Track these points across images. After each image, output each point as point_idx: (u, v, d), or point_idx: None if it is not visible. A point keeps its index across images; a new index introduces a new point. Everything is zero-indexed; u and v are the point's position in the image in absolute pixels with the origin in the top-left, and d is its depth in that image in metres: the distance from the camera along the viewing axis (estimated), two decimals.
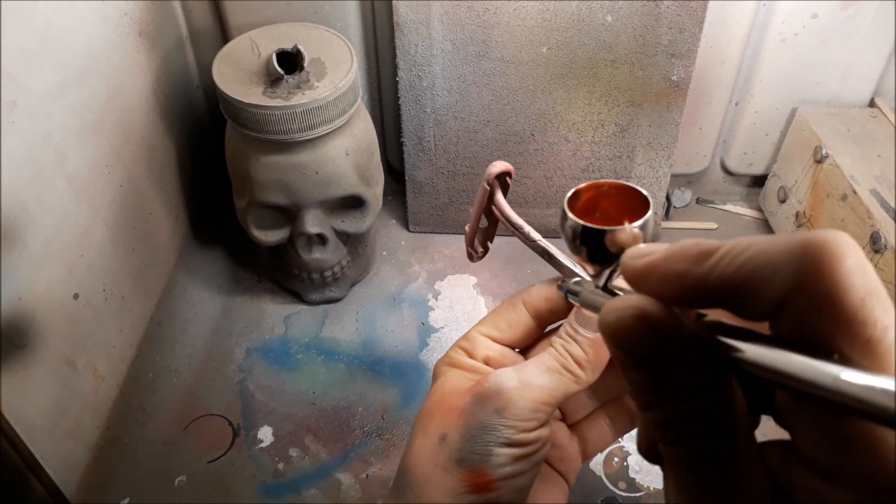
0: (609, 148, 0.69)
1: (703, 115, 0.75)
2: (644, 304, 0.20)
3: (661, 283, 0.20)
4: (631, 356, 0.20)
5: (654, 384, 0.20)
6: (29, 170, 0.48)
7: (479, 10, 0.62)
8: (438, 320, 0.67)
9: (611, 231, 0.26)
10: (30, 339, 0.48)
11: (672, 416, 0.20)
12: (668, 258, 0.20)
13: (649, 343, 0.20)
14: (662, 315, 0.20)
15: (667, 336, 0.20)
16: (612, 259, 0.26)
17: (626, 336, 0.20)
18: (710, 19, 0.63)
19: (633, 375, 0.21)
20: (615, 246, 0.26)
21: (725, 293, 0.19)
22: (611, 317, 0.20)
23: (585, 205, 0.28)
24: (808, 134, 0.70)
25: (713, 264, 0.19)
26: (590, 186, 0.28)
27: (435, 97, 0.67)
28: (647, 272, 0.21)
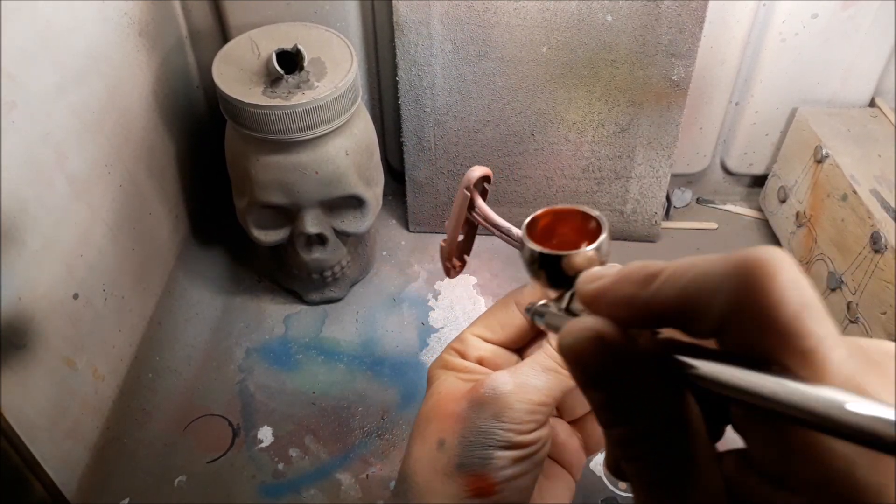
0: (609, 148, 0.69)
1: (704, 115, 0.75)
2: (598, 325, 0.21)
3: (611, 307, 0.21)
4: (588, 376, 0.21)
5: (611, 402, 0.21)
6: (29, 170, 0.48)
7: (479, 10, 0.62)
8: (438, 320, 0.67)
9: (566, 256, 0.27)
10: (30, 339, 0.48)
11: (631, 434, 0.21)
12: (616, 283, 0.22)
13: (605, 363, 0.21)
14: (616, 336, 0.20)
15: (621, 356, 0.20)
16: (570, 282, 0.27)
17: (582, 356, 0.21)
18: (710, 19, 0.63)
19: (591, 394, 0.21)
20: (572, 270, 0.27)
21: (671, 314, 0.20)
22: (568, 339, 0.21)
23: (543, 231, 0.30)
24: (809, 134, 0.70)
25: (657, 287, 0.20)
26: (547, 212, 0.30)
27: (435, 97, 0.67)
28: (598, 296, 0.22)
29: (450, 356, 0.36)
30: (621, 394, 0.21)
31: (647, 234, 0.74)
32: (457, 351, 0.36)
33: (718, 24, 0.67)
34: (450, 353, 0.36)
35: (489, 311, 0.37)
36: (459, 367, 0.35)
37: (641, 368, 0.20)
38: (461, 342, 0.36)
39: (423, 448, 0.34)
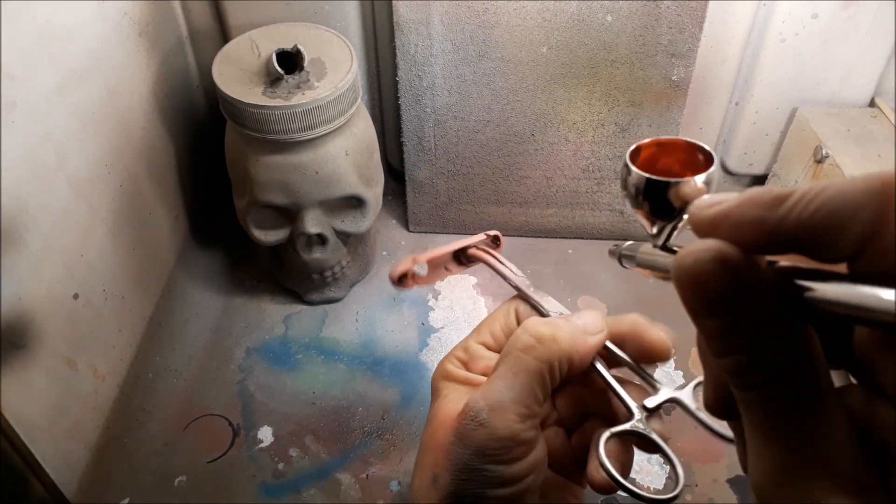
0: (609, 148, 0.69)
1: (703, 115, 0.75)
2: (723, 247, 0.19)
3: (734, 231, 0.20)
4: (708, 301, 0.20)
5: (731, 328, 0.20)
6: (29, 170, 0.48)
7: (479, 10, 0.62)
8: (438, 320, 0.67)
9: (675, 184, 0.26)
10: (30, 339, 0.48)
11: (750, 361, 0.20)
12: (740, 205, 0.20)
13: (729, 287, 0.19)
14: (741, 258, 0.19)
15: (745, 279, 0.19)
16: (674, 214, 0.26)
17: (704, 280, 0.20)
18: (710, 19, 0.63)
19: (708, 322, 0.20)
20: (679, 200, 0.26)
21: (803, 238, 0.19)
22: (688, 259, 0.20)
23: (646, 161, 0.28)
24: (809, 134, 0.70)
25: (789, 209, 0.19)
26: (651, 143, 0.28)
27: (435, 97, 0.67)
28: (718, 220, 0.21)
29: (452, 365, 0.35)
30: (743, 319, 0.20)
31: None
32: (461, 361, 0.35)
33: (718, 24, 0.67)
34: (452, 362, 0.35)
35: (491, 317, 0.36)
36: (462, 379, 0.34)
37: (766, 293, 0.19)
38: (465, 352, 0.35)
39: (421, 481, 0.33)
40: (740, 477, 0.55)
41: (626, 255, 0.29)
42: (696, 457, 0.56)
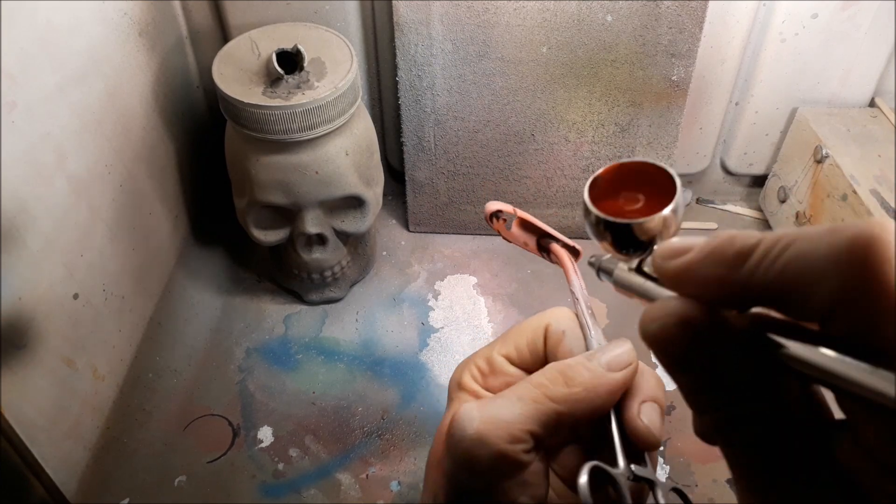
0: (609, 148, 0.69)
1: (703, 115, 0.75)
2: (684, 310, 0.19)
3: (698, 287, 0.20)
4: (676, 361, 0.20)
5: (702, 387, 0.20)
6: (29, 170, 0.48)
7: (479, 10, 0.62)
8: (438, 320, 0.67)
9: (638, 223, 0.25)
10: (30, 339, 0.48)
11: (727, 419, 0.20)
12: (703, 260, 0.20)
13: (693, 349, 0.19)
14: (703, 319, 0.19)
15: (710, 340, 0.19)
16: (642, 247, 0.25)
17: (669, 343, 0.20)
18: (710, 19, 0.63)
19: (680, 379, 0.20)
20: (645, 235, 0.25)
21: (769, 297, 0.18)
22: (653, 326, 0.20)
23: (607, 190, 0.27)
24: (808, 134, 0.70)
25: (753, 267, 0.18)
26: (609, 170, 0.27)
27: (435, 97, 0.67)
28: (682, 275, 0.20)
29: (469, 376, 0.32)
30: (712, 378, 0.19)
31: None
32: (480, 372, 0.32)
33: (718, 24, 0.67)
34: (471, 371, 0.32)
35: (520, 328, 0.33)
36: (476, 394, 0.32)
37: (733, 351, 0.19)
38: (488, 363, 0.32)
39: (425, 499, 0.31)
40: None
41: (604, 270, 0.28)
42: (696, 457, 0.56)
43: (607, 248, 0.26)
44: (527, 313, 0.67)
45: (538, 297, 0.69)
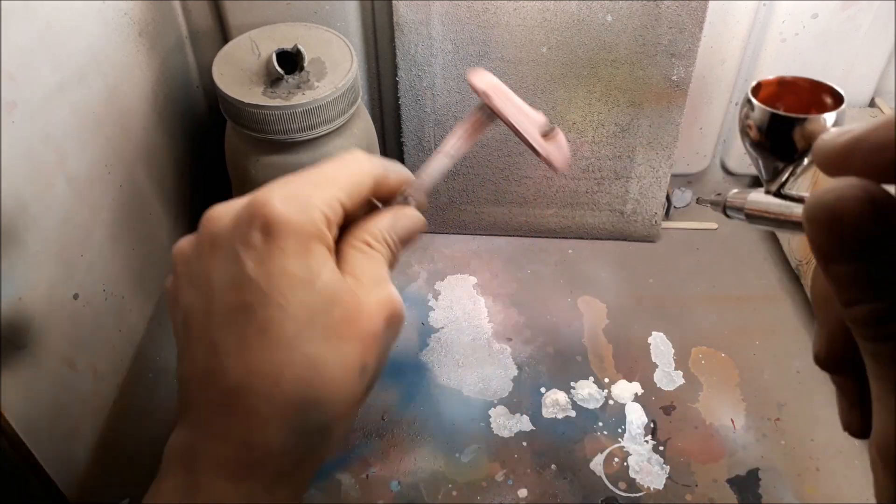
0: (609, 148, 0.69)
1: (703, 115, 0.75)
2: (870, 185, 0.18)
3: (872, 158, 0.18)
4: (846, 243, 0.18)
5: (867, 274, 0.18)
6: (29, 170, 0.48)
7: (479, 9, 0.62)
8: (438, 320, 0.67)
9: (803, 120, 0.24)
10: (30, 339, 0.48)
11: (886, 309, 0.18)
12: (877, 129, 0.18)
13: (873, 228, 0.18)
14: (889, 197, 0.18)
15: (892, 221, 0.18)
16: (795, 156, 0.24)
17: (847, 220, 0.18)
18: (710, 19, 0.63)
19: (842, 267, 0.19)
20: (804, 140, 0.24)
21: None
22: (830, 196, 0.18)
23: (767, 99, 0.26)
24: None
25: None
26: (773, 81, 0.26)
27: (435, 97, 0.67)
28: (851, 149, 0.19)
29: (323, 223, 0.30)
30: (885, 264, 0.18)
31: (647, 234, 0.74)
32: (328, 221, 0.31)
33: (718, 24, 0.67)
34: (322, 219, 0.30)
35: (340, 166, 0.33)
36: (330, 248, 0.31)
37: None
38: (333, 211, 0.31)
39: (343, 369, 0.30)
40: (740, 477, 0.55)
41: (733, 205, 0.27)
42: (696, 457, 0.56)
43: (760, 155, 0.25)
44: (527, 313, 0.67)
45: (538, 297, 0.69)
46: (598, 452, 0.57)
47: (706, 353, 0.64)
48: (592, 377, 0.62)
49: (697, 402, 0.60)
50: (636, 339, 0.65)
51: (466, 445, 0.57)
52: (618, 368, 0.63)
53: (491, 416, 0.59)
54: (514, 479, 0.55)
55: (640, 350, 0.64)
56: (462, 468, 0.56)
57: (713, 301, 0.68)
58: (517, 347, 0.65)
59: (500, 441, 0.58)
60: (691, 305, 0.68)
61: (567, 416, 0.59)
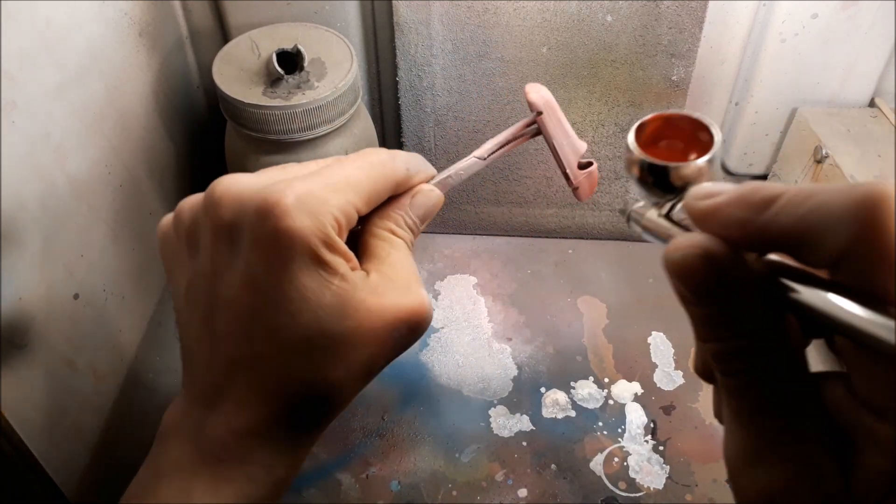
0: (609, 148, 0.69)
1: (700, 113, 0.74)
2: (708, 243, 0.21)
3: (723, 227, 0.21)
4: (694, 292, 0.21)
5: (713, 319, 0.21)
6: (29, 170, 0.48)
7: (479, 10, 0.62)
8: (438, 320, 0.67)
9: (675, 167, 0.27)
10: (30, 339, 0.48)
11: (730, 349, 0.21)
12: (730, 204, 0.21)
13: (712, 280, 0.21)
14: (725, 254, 0.21)
15: (729, 274, 0.21)
16: (676, 191, 0.27)
17: (690, 273, 0.21)
18: (710, 19, 0.63)
19: (694, 310, 0.22)
20: (681, 180, 0.27)
21: (785, 242, 0.20)
22: (677, 254, 0.21)
23: (650, 136, 0.29)
24: (808, 134, 0.70)
25: (774, 213, 0.20)
26: (655, 118, 0.29)
27: (435, 97, 0.67)
28: (709, 215, 0.22)
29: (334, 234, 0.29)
30: (725, 311, 0.21)
31: None
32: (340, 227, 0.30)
33: (718, 24, 0.67)
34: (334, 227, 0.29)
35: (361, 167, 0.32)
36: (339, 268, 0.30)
37: (748, 288, 0.21)
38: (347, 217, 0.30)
39: (349, 373, 0.30)
40: None
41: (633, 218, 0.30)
42: (696, 457, 0.56)
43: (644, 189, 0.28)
44: (527, 313, 0.67)
45: (538, 297, 0.69)
46: (598, 452, 0.57)
47: None
48: (592, 377, 0.62)
49: (697, 402, 0.60)
50: (636, 339, 0.65)
51: (466, 445, 0.58)
52: (618, 368, 0.63)
53: (491, 416, 0.59)
54: (514, 479, 0.55)
55: (640, 350, 0.64)
56: (462, 468, 0.56)
57: None
58: (517, 347, 0.65)
59: (500, 441, 0.58)
60: None
61: (567, 415, 0.59)
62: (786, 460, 0.20)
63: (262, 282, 0.29)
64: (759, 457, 0.21)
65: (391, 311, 0.30)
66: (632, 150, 0.28)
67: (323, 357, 0.29)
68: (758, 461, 0.21)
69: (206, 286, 0.30)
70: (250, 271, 0.29)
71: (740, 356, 0.21)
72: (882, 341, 0.17)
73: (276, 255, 0.28)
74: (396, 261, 0.32)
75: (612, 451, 0.57)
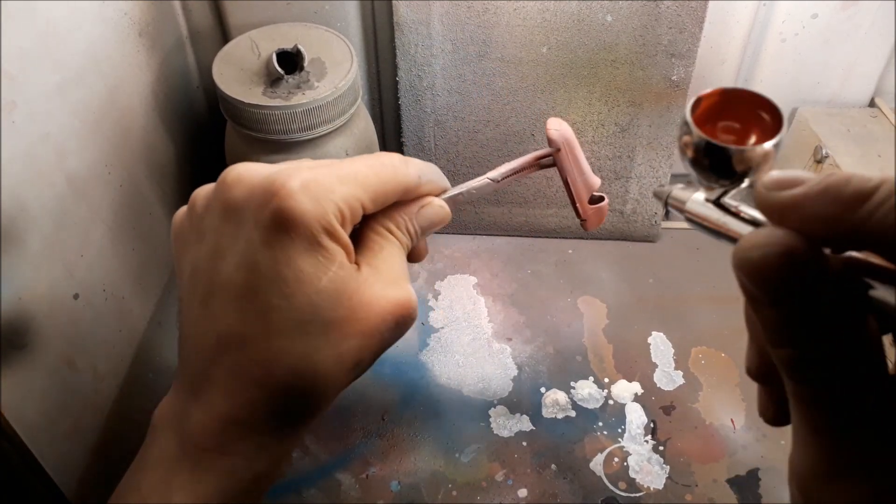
0: (609, 148, 0.69)
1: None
2: (792, 242, 0.19)
3: (806, 223, 0.19)
4: (770, 293, 0.19)
5: (789, 322, 0.20)
6: (29, 170, 0.48)
7: (479, 10, 0.62)
8: (438, 320, 0.67)
9: (739, 151, 0.24)
10: (30, 339, 0.48)
11: (806, 356, 0.19)
12: (817, 197, 0.19)
13: (794, 282, 0.19)
14: (811, 254, 0.19)
15: (810, 274, 0.19)
16: (733, 178, 0.25)
17: (769, 273, 0.19)
18: (710, 19, 0.63)
19: (767, 312, 0.20)
20: (743, 165, 0.24)
21: (882, 241, 0.18)
22: (756, 253, 0.19)
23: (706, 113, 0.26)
24: (808, 134, 0.70)
25: (870, 211, 0.18)
26: (713, 93, 0.26)
27: (435, 97, 0.67)
28: (790, 208, 0.20)
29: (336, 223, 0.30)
30: (804, 315, 0.19)
31: (647, 234, 0.74)
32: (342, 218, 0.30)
33: (718, 24, 0.67)
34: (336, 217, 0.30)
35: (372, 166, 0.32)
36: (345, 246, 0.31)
37: (829, 290, 0.19)
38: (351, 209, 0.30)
39: (337, 364, 0.30)
40: (740, 477, 0.55)
41: (674, 205, 0.28)
42: (696, 457, 0.56)
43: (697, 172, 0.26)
44: (527, 313, 0.67)
45: (538, 297, 0.69)
46: (598, 452, 0.57)
47: (706, 353, 0.64)
48: (592, 377, 0.62)
49: (697, 402, 0.60)
50: (636, 339, 0.65)
51: (466, 445, 0.58)
52: (618, 368, 0.63)
53: (491, 416, 0.59)
54: (514, 479, 0.55)
55: (640, 350, 0.64)
56: (462, 468, 0.56)
57: (713, 301, 0.68)
58: (517, 347, 0.65)
59: (500, 441, 0.58)
60: (691, 305, 0.68)
61: (567, 416, 0.59)
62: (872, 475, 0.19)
63: (259, 261, 0.29)
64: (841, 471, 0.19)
65: (378, 303, 0.31)
66: (690, 128, 0.25)
67: (313, 343, 0.29)
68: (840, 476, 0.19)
69: (209, 268, 0.31)
70: (250, 251, 0.29)
71: (819, 363, 0.19)
72: None
73: (275, 236, 0.28)
74: (388, 256, 0.33)
75: (612, 452, 0.57)
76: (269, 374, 0.29)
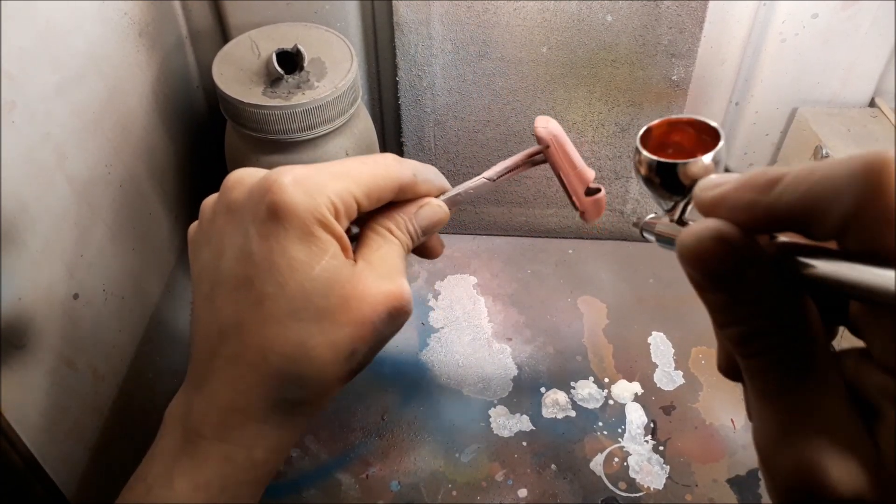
0: (609, 148, 0.69)
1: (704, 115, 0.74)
2: (722, 226, 0.21)
3: (732, 212, 0.22)
4: (710, 277, 0.21)
5: (731, 303, 0.22)
6: (29, 170, 0.48)
7: (479, 10, 0.62)
8: (438, 320, 0.67)
9: (683, 164, 0.28)
10: (30, 339, 0.48)
11: (750, 331, 0.21)
12: (737, 189, 0.22)
13: (728, 263, 0.21)
14: (739, 236, 0.21)
15: (744, 256, 0.21)
16: (685, 191, 0.28)
17: (705, 257, 0.21)
18: (710, 19, 0.63)
19: (710, 296, 0.22)
20: (688, 178, 0.28)
21: (793, 218, 0.20)
22: (690, 239, 0.21)
23: (657, 139, 0.30)
24: (809, 134, 0.70)
25: (780, 192, 0.20)
26: (662, 123, 0.30)
27: (435, 97, 0.67)
28: (717, 202, 0.22)
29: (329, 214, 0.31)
30: (742, 293, 0.21)
31: None
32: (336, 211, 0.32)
33: (718, 24, 0.67)
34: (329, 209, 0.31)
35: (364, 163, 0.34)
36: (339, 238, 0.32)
37: (763, 268, 0.21)
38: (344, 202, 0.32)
39: (331, 352, 0.31)
40: (740, 477, 0.55)
41: (646, 228, 0.31)
42: (696, 457, 0.56)
43: (652, 190, 0.29)
44: (527, 313, 0.67)
45: (538, 297, 0.69)
46: (598, 452, 0.57)
47: (706, 353, 0.64)
48: (592, 377, 0.62)
49: (697, 402, 0.60)
50: (636, 339, 0.65)
51: (466, 445, 0.58)
52: (618, 368, 0.63)
53: (491, 416, 0.59)
54: (514, 479, 0.55)
55: (640, 350, 0.64)
56: (462, 468, 0.56)
57: None
58: (517, 347, 0.65)
59: (500, 441, 0.58)
60: (691, 305, 0.68)
61: (567, 416, 0.59)
62: (818, 432, 0.20)
63: (255, 252, 0.30)
64: (788, 435, 0.21)
65: (371, 293, 0.32)
66: (640, 151, 0.29)
67: (306, 329, 0.31)
68: (788, 440, 0.21)
69: (212, 266, 0.32)
70: (247, 244, 0.31)
71: (761, 336, 0.21)
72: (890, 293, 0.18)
73: (270, 227, 0.30)
74: (384, 253, 0.34)
75: (613, 452, 0.57)
76: (264, 361, 0.31)
